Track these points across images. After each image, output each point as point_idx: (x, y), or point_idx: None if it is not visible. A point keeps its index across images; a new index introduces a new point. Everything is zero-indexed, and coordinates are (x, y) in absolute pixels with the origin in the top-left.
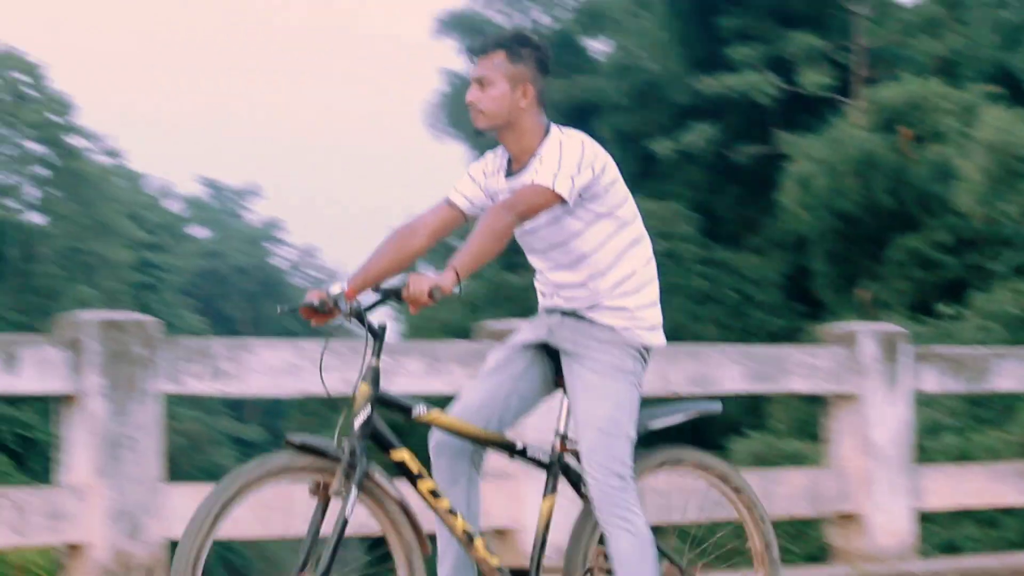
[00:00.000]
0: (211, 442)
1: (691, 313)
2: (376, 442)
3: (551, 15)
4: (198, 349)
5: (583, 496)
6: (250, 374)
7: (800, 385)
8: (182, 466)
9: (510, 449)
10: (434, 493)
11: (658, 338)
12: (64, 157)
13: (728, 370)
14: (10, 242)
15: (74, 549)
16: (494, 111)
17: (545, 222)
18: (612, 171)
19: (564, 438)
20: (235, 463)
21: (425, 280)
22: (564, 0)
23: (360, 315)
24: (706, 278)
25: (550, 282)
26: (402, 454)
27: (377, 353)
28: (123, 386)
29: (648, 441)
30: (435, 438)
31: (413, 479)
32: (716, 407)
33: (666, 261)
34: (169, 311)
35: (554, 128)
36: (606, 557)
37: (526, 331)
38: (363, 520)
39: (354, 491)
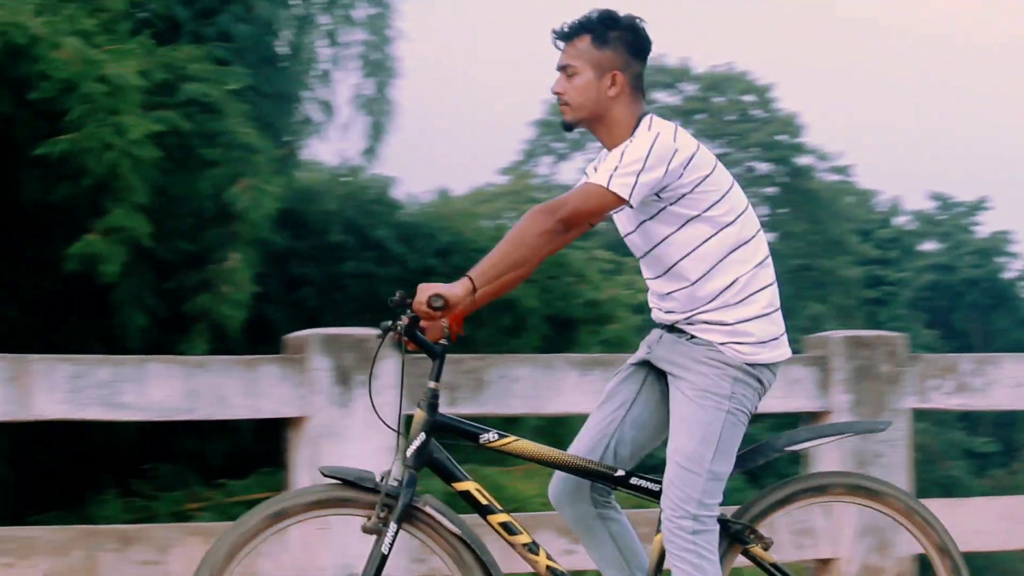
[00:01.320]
0: (944, 455)
1: None
2: (437, 473)
3: None
4: (945, 365)
5: None
6: (995, 388)
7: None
8: (917, 479)
9: (609, 479)
10: (507, 527)
11: (771, 354)
12: (793, 176)
13: None
14: None
15: (823, 564)
16: (580, 103)
17: (630, 227)
18: (701, 166)
19: None
20: (968, 476)
21: (429, 289)
22: None
23: (411, 332)
24: None
25: (652, 292)
26: (466, 485)
27: (436, 375)
28: (869, 402)
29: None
30: (550, 486)
31: (483, 512)
32: (880, 425)
33: None
34: (900, 325)
35: (646, 120)
36: None
37: (639, 351)
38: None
39: (393, 526)
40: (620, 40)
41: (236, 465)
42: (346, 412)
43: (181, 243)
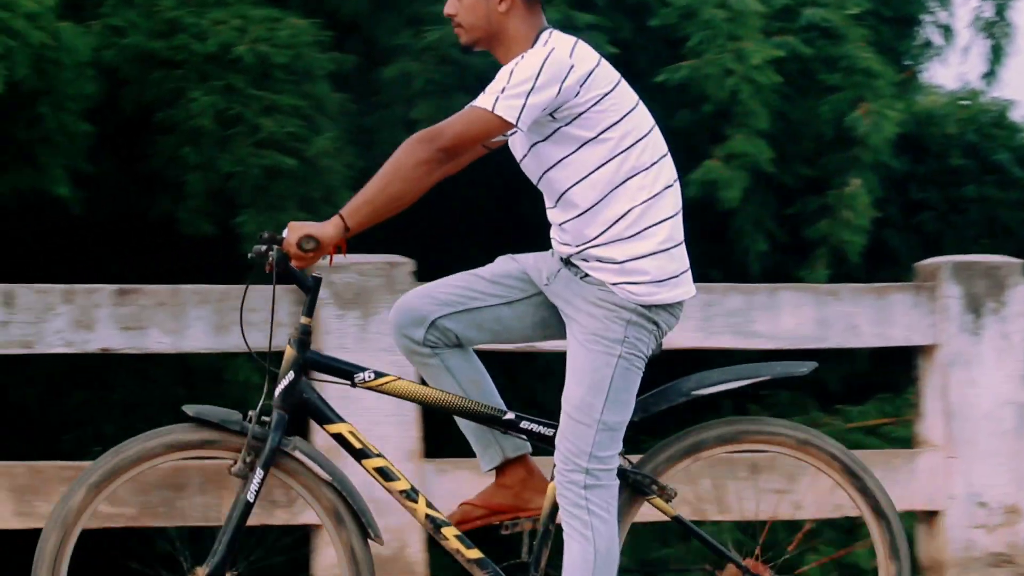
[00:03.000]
0: None
1: None
2: (309, 414)
3: None
4: None
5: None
6: None
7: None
8: None
9: (497, 422)
10: (383, 472)
11: (668, 294)
12: None
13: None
14: None
15: None
16: (471, 22)
17: (523, 151)
18: (600, 83)
19: None
20: None
21: (300, 229)
22: None
23: (283, 266)
24: None
25: (551, 223)
26: (339, 428)
27: (308, 310)
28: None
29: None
30: (392, 313)
31: (357, 456)
32: (802, 368)
33: None
34: None
35: (544, 35)
36: None
37: (536, 262)
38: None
39: (259, 472)
40: None
41: (853, 391)
42: (977, 340)
43: (801, 168)
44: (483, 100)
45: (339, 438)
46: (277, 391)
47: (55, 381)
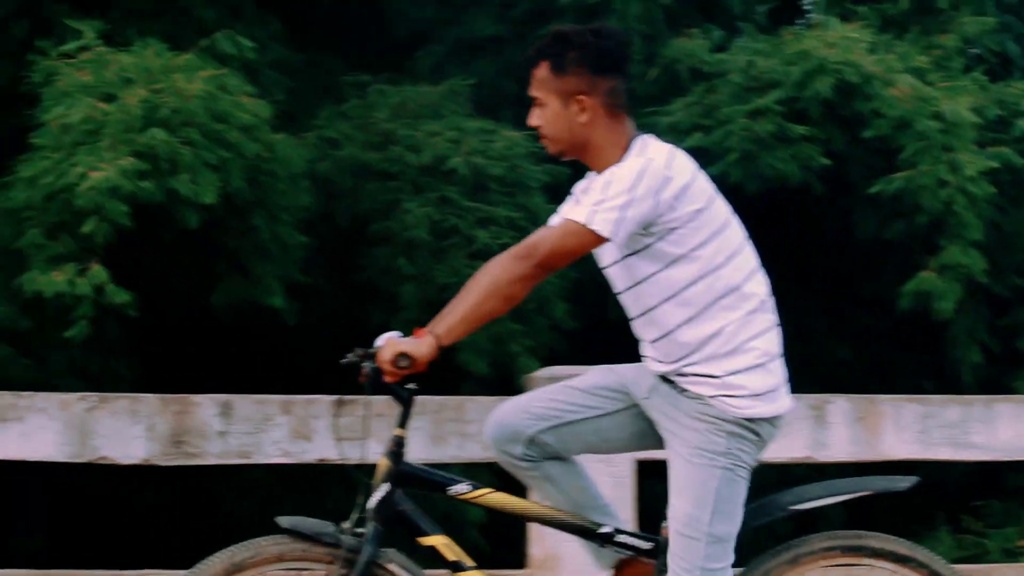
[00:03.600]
0: None
1: None
2: (402, 526)
3: None
4: None
5: None
6: None
7: None
8: None
9: (593, 535)
10: None
11: (766, 408)
12: None
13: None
14: None
15: None
16: (554, 134)
17: (611, 259)
18: (697, 197)
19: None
20: None
21: (395, 347)
22: None
23: (376, 379)
24: None
25: (636, 335)
26: (434, 540)
27: (402, 422)
28: None
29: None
30: (487, 426)
31: (452, 569)
32: (903, 483)
33: None
34: None
35: (638, 142)
36: None
37: (635, 375)
38: None
39: None
40: (578, 60)
41: None
42: None
43: (1014, 279)
44: (578, 213)
45: (434, 550)
46: (371, 503)
47: (269, 490)
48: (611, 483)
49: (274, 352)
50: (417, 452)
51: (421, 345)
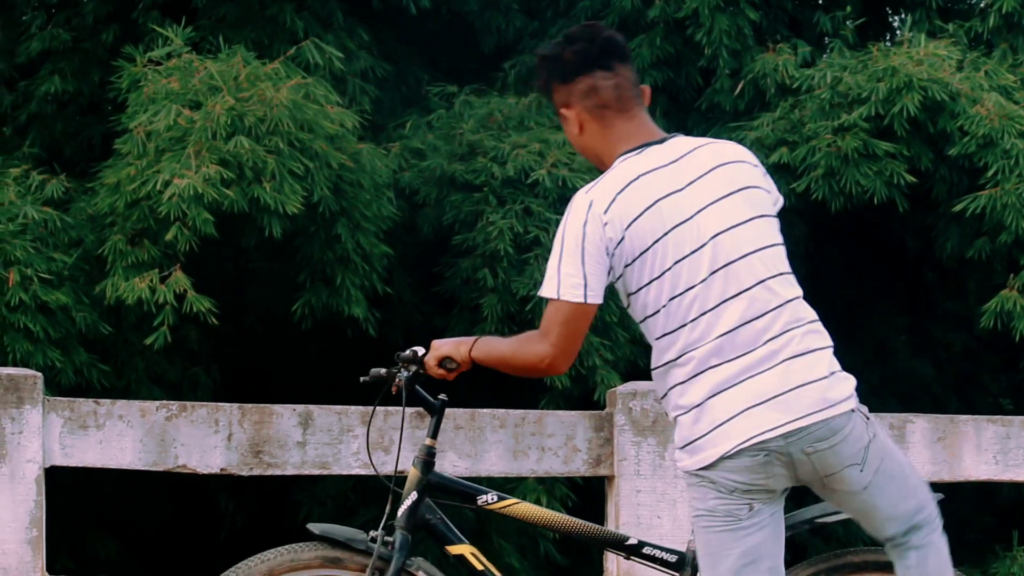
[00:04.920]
0: None
1: None
2: (430, 534)
3: None
4: None
5: None
6: None
7: None
8: None
9: (621, 547)
10: None
11: (692, 460)
12: None
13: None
14: None
15: None
16: (580, 152)
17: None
18: (637, 238)
19: None
20: None
21: (440, 349)
22: None
23: (412, 386)
24: None
25: None
26: (461, 549)
27: (433, 432)
28: None
29: None
30: None
31: None
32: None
33: None
34: None
35: (617, 163)
36: None
37: None
38: None
39: None
40: (548, 76)
41: None
42: None
43: None
44: (544, 287)
45: (461, 559)
46: (400, 512)
47: (345, 500)
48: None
49: (354, 362)
50: (497, 465)
51: (461, 346)
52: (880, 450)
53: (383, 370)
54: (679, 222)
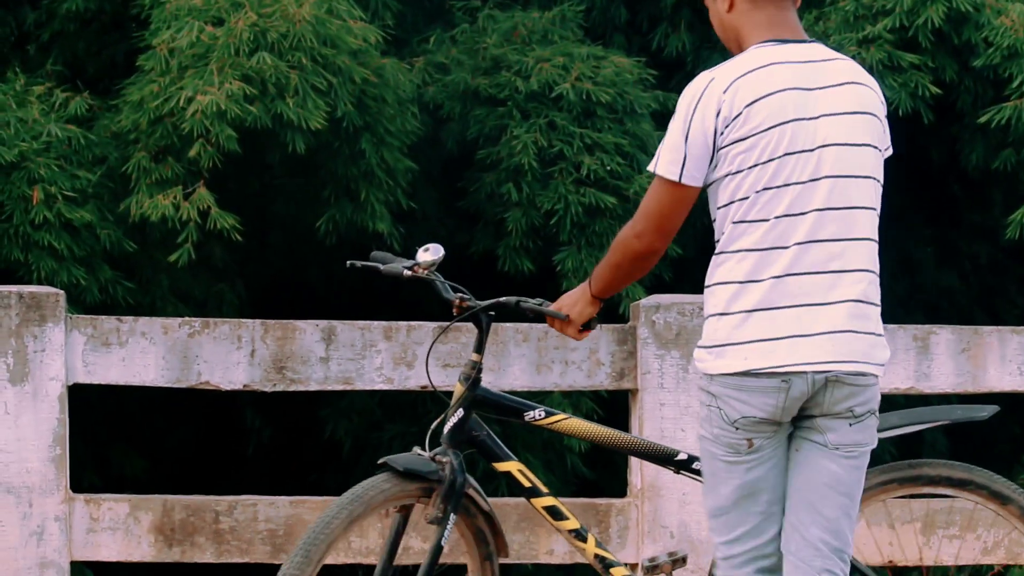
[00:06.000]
0: None
1: None
2: (478, 450)
3: None
4: None
5: None
6: None
7: None
8: None
9: (671, 461)
10: (553, 512)
11: (715, 363)
12: None
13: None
14: None
15: None
16: (720, 36)
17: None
18: (754, 117)
19: None
20: None
21: (577, 308)
22: None
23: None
24: None
25: None
26: (509, 465)
27: (479, 346)
28: None
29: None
30: None
31: (528, 495)
32: (982, 412)
33: None
34: None
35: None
36: None
37: None
38: None
39: (452, 517)
40: None
41: None
42: None
43: None
44: (652, 163)
45: (508, 476)
46: (446, 428)
47: (370, 415)
48: None
49: (378, 278)
50: (520, 379)
51: (586, 296)
52: (860, 461)
53: (460, 296)
54: (800, 117)
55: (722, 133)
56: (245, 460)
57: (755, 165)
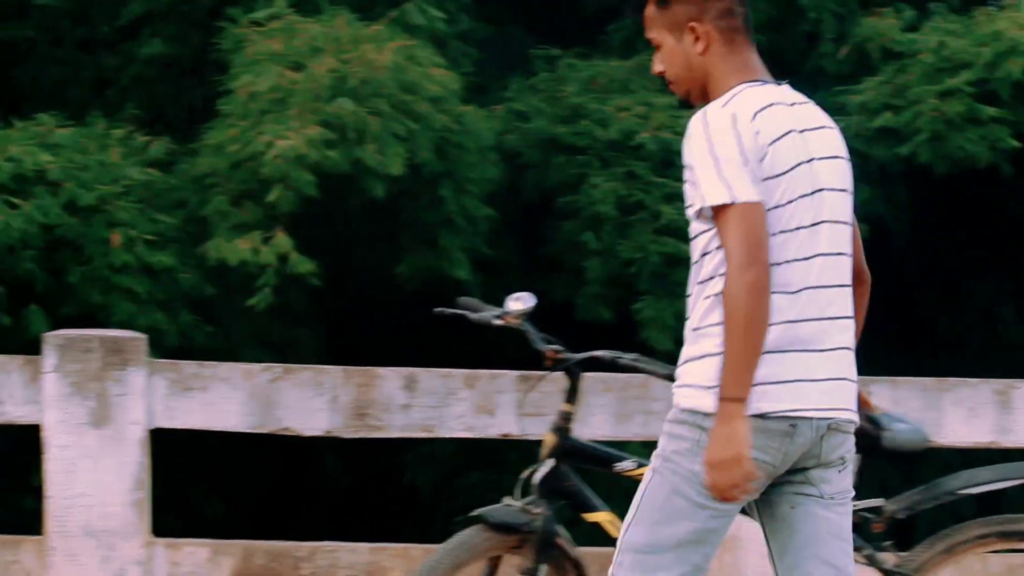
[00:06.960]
0: None
1: None
2: (569, 501)
3: None
4: None
5: None
6: None
7: None
8: None
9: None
10: None
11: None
12: None
13: None
14: None
15: None
16: (677, 75)
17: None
18: (776, 157)
19: None
20: None
21: (721, 453)
22: None
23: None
24: None
25: None
26: (600, 516)
27: (571, 397)
28: None
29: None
30: None
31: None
32: None
33: None
34: None
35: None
36: None
37: None
38: None
39: (544, 568)
40: None
41: None
42: None
43: None
44: (716, 195)
45: (598, 527)
46: (537, 478)
47: (450, 463)
48: None
49: (458, 326)
50: (601, 429)
51: (725, 421)
52: (849, 507)
53: (553, 348)
54: (801, 161)
55: (759, 163)
56: (320, 501)
57: (775, 207)
